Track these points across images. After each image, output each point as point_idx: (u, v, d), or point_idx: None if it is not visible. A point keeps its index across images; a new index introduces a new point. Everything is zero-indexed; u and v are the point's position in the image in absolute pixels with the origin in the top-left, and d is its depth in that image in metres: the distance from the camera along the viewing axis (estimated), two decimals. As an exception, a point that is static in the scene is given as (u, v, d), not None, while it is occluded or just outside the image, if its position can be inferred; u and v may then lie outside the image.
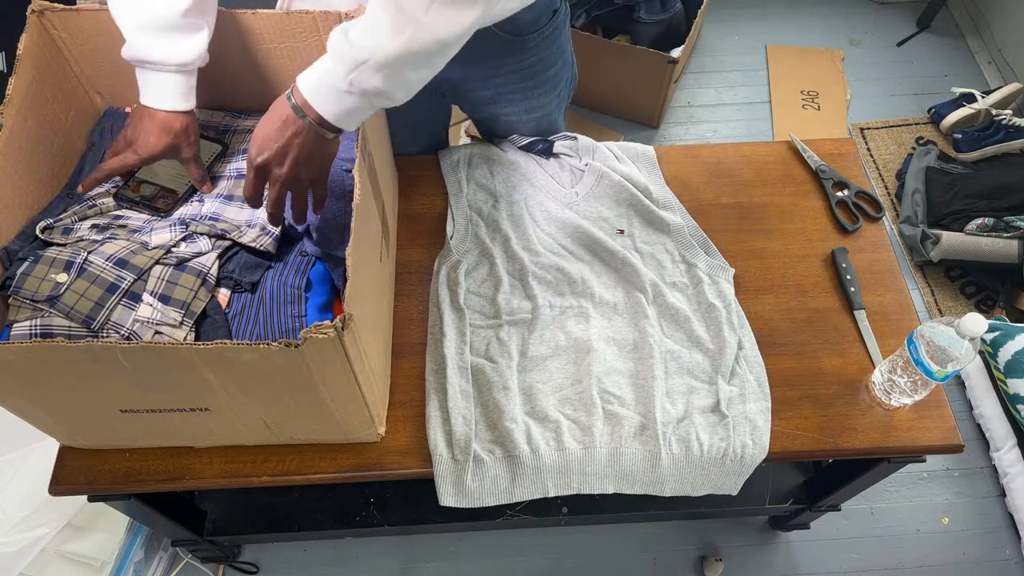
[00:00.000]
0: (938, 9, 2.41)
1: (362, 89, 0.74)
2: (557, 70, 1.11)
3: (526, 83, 1.09)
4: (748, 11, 2.50)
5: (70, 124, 0.95)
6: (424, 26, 0.71)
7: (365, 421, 0.88)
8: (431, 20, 0.71)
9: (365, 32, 0.72)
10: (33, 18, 0.87)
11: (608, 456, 0.93)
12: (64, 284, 0.81)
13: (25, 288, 0.80)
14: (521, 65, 1.06)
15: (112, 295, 0.82)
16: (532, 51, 1.05)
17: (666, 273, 1.07)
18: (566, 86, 1.18)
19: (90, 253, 0.84)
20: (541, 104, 1.14)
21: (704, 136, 2.22)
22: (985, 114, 2.09)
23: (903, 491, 1.62)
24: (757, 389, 0.98)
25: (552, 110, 1.18)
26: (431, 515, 1.29)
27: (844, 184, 1.19)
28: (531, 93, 1.11)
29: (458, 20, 0.72)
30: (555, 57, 1.09)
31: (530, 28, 1.01)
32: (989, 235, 1.81)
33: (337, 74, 0.74)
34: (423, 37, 0.72)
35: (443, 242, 1.10)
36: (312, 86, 0.77)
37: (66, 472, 0.92)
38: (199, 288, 0.85)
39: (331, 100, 0.76)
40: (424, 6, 0.70)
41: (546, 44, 1.05)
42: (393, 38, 0.71)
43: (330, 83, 0.75)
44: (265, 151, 0.80)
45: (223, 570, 1.49)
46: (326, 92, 0.76)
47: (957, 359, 0.85)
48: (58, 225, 0.87)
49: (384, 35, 0.71)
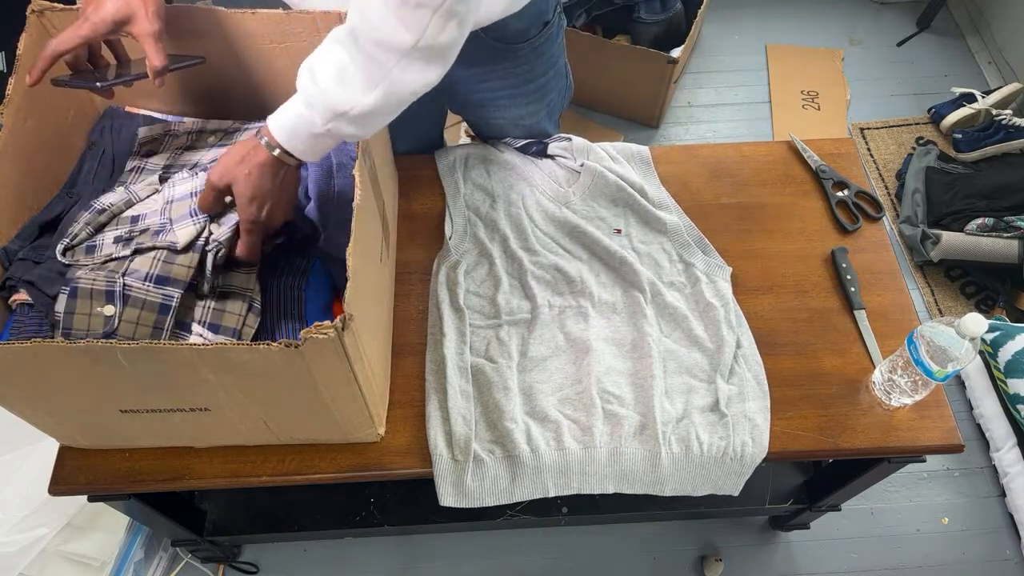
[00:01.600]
0: (938, 9, 2.41)
1: (338, 134, 0.78)
2: (547, 80, 1.11)
3: (514, 90, 1.10)
4: (748, 11, 2.50)
5: (70, 124, 0.95)
6: (396, 81, 0.73)
7: (365, 421, 0.88)
8: (401, 75, 0.73)
9: (334, 81, 0.74)
10: (33, 18, 0.87)
11: (608, 456, 0.93)
12: (114, 317, 0.79)
13: (75, 329, 0.79)
14: (509, 72, 1.06)
15: (166, 316, 0.81)
16: (521, 60, 1.05)
17: (664, 272, 1.07)
18: (558, 96, 1.18)
19: (125, 275, 0.81)
20: (529, 112, 1.15)
21: (704, 136, 2.22)
22: (985, 114, 2.09)
23: (903, 491, 1.62)
24: (756, 388, 0.98)
25: (541, 119, 1.18)
26: (431, 515, 1.29)
27: (844, 184, 1.19)
28: (519, 101, 1.12)
29: (424, 75, 0.75)
30: (545, 68, 1.09)
31: (519, 38, 1.01)
32: (989, 235, 1.81)
33: (313, 121, 0.76)
34: (397, 90, 0.74)
35: (443, 242, 1.10)
36: (286, 131, 0.79)
37: (66, 472, 0.92)
38: (247, 314, 0.85)
39: (306, 143, 0.79)
40: (395, 60, 0.72)
41: (535, 55, 1.05)
42: (367, 93, 0.74)
43: (306, 129, 0.78)
44: (227, 176, 0.81)
45: (223, 570, 1.49)
46: (302, 136, 0.79)
47: (957, 359, 0.85)
48: (78, 245, 0.85)
49: (358, 89, 0.74)
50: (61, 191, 0.93)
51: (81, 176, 0.95)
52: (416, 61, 0.72)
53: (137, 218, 0.89)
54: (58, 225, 0.91)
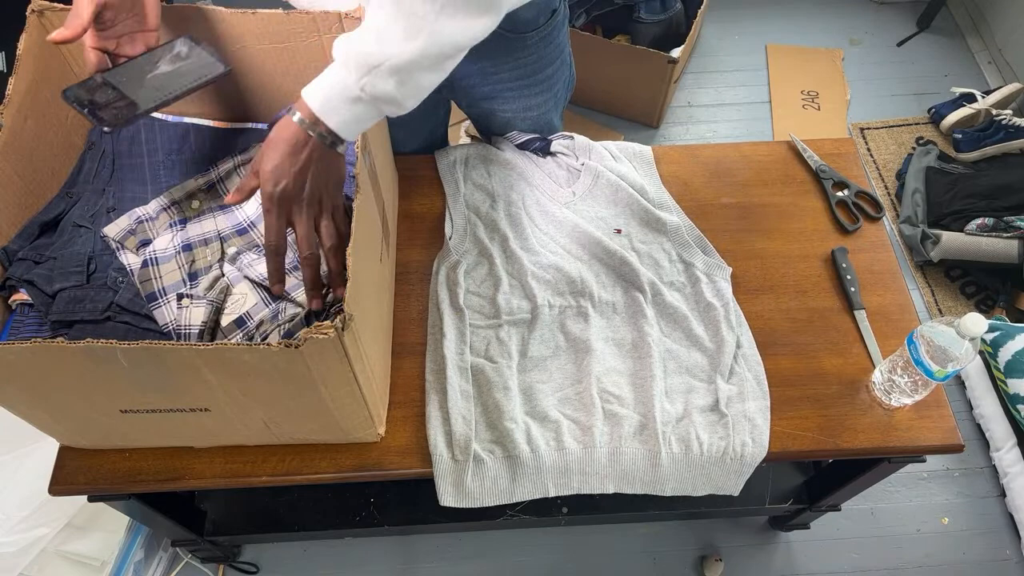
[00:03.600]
0: (938, 9, 2.41)
1: (374, 94, 0.73)
2: (555, 70, 1.12)
3: (523, 81, 1.10)
4: (748, 11, 2.50)
5: (70, 124, 0.95)
6: (438, 31, 0.70)
7: (365, 421, 0.88)
8: (444, 24, 0.70)
9: (373, 40, 0.71)
10: (33, 18, 0.87)
11: (608, 456, 0.93)
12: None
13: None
14: (519, 63, 1.07)
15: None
16: (530, 49, 1.05)
17: (664, 272, 1.07)
18: (563, 87, 1.18)
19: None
20: (537, 103, 1.15)
21: (704, 136, 2.22)
22: (985, 114, 2.09)
23: (903, 491, 1.62)
24: (756, 388, 0.98)
25: (548, 109, 1.18)
26: (431, 515, 1.29)
27: (844, 184, 1.19)
28: (528, 91, 1.12)
29: (470, 27, 0.72)
30: (553, 57, 1.09)
31: (528, 27, 1.01)
32: (989, 235, 1.81)
33: (348, 81, 0.72)
34: (439, 41, 0.71)
35: (443, 242, 1.10)
36: (320, 97, 0.74)
37: (66, 472, 0.92)
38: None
39: (341, 108, 0.74)
40: (436, 9, 0.69)
41: (544, 43, 1.06)
42: (407, 43, 0.70)
43: (340, 91, 0.73)
44: (282, 179, 0.75)
45: (223, 570, 1.49)
46: (336, 101, 0.74)
47: (957, 359, 0.85)
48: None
49: (397, 41, 0.70)
50: (61, 191, 0.93)
51: (81, 176, 0.95)
52: (460, 11, 0.69)
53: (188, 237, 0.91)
54: (58, 225, 0.91)
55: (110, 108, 0.77)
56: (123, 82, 0.80)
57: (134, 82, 0.80)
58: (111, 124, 0.77)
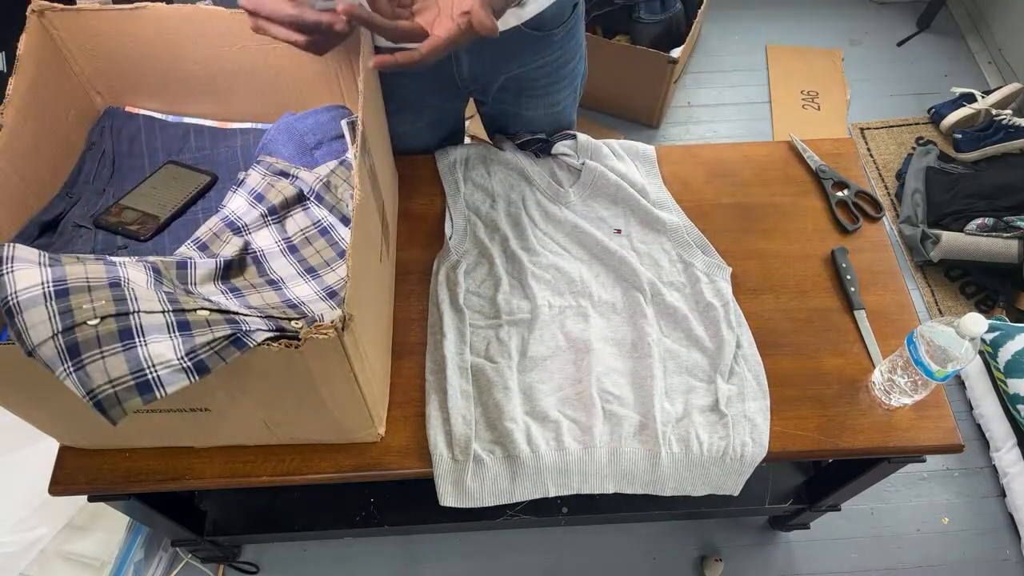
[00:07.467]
0: (938, 9, 2.41)
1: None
2: (576, 64, 1.13)
3: (548, 79, 1.11)
4: (748, 11, 2.50)
5: (70, 124, 0.95)
6: None
7: (365, 421, 0.88)
8: None
9: None
10: (33, 18, 0.87)
11: (608, 456, 0.93)
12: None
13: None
14: (545, 61, 1.07)
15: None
16: (556, 45, 1.06)
17: (663, 272, 1.07)
18: (581, 80, 1.19)
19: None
20: (560, 99, 1.16)
21: (704, 136, 2.22)
22: (985, 114, 2.09)
23: (903, 491, 1.62)
24: (756, 388, 0.98)
25: (569, 104, 1.19)
26: (431, 515, 1.29)
27: (844, 184, 1.19)
28: (552, 88, 1.12)
29: None
30: (575, 50, 1.11)
31: (555, 22, 1.02)
32: (989, 235, 1.81)
33: None
34: None
35: (443, 242, 1.10)
36: None
37: (66, 472, 0.92)
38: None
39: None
40: None
41: (569, 37, 1.07)
42: None
43: None
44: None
45: (223, 570, 1.49)
46: None
47: (957, 359, 0.85)
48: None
49: None
50: (61, 191, 0.93)
51: (81, 176, 0.95)
52: None
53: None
54: (58, 225, 0.91)
55: (137, 224, 0.93)
56: (137, 204, 0.95)
57: (146, 202, 0.95)
58: (144, 236, 0.92)
